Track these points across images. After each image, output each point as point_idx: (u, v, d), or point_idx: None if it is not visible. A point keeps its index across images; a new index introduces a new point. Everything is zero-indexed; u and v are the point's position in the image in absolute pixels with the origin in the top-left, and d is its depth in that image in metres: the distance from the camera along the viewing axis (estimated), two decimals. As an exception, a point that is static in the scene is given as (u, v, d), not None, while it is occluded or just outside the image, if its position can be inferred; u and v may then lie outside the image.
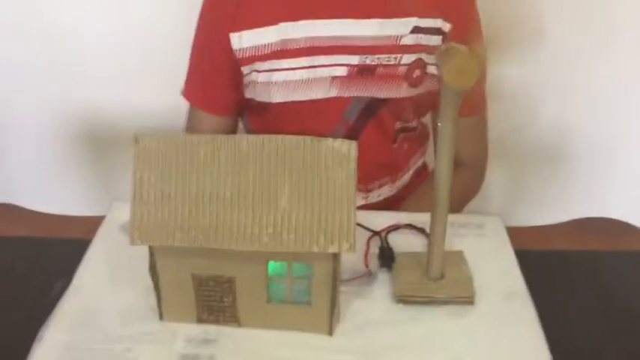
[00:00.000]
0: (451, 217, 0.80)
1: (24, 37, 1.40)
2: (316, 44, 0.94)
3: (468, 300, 0.75)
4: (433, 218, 0.75)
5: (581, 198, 1.36)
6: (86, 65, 1.41)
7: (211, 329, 0.71)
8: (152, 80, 1.43)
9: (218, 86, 1.01)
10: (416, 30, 0.95)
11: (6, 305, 0.82)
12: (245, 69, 0.97)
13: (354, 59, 0.95)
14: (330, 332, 0.71)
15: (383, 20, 0.94)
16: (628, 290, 0.88)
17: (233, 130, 1.07)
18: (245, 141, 0.65)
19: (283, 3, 0.94)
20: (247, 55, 0.96)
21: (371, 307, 0.75)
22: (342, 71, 0.95)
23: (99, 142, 1.48)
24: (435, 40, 0.96)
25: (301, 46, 0.94)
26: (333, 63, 0.95)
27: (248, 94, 1.00)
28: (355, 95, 0.97)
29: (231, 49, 0.95)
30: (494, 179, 1.19)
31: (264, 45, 0.94)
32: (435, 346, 0.70)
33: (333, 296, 0.69)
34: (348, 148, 0.65)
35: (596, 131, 1.37)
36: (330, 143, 0.65)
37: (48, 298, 0.79)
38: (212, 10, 0.98)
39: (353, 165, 0.65)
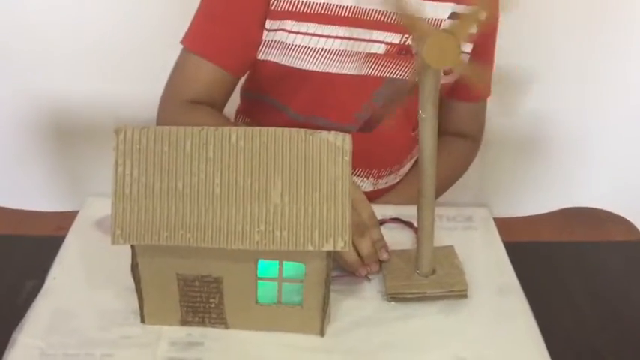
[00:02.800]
0: (439, 210, 0.79)
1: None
2: (361, 15, 0.90)
3: (462, 293, 0.73)
4: (420, 212, 0.72)
5: (565, 188, 1.37)
6: (51, 54, 1.34)
7: (197, 331, 0.68)
8: (122, 70, 1.38)
9: (240, 37, 0.92)
10: (453, 16, 0.93)
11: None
12: (272, 24, 0.90)
13: (396, 38, 0.91)
14: (322, 333, 0.68)
15: (423, 1, 0.91)
16: (612, 278, 0.87)
17: (231, 91, 0.98)
18: (234, 133, 0.62)
19: None
20: (283, 9, 0.89)
21: (362, 306, 0.73)
22: (380, 49, 0.91)
23: (65, 134, 1.42)
24: (473, 27, 0.94)
25: (346, 14, 0.89)
26: (374, 39, 0.91)
27: (269, 55, 0.93)
28: (389, 76, 0.93)
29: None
30: (479, 169, 1.18)
31: (308, 3, 0.88)
32: (429, 343, 0.68)
33: (326, 296, 0.66)
34: (343, 141, 0.62)
35: (576, 121, 1.38)
36: (325, 136, 0.62)
37: (19, 298, 0.75)
38: None
39: (347, 158, 0.62)
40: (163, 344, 0.66)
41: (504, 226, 0.89)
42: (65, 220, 0.88)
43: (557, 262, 0.89)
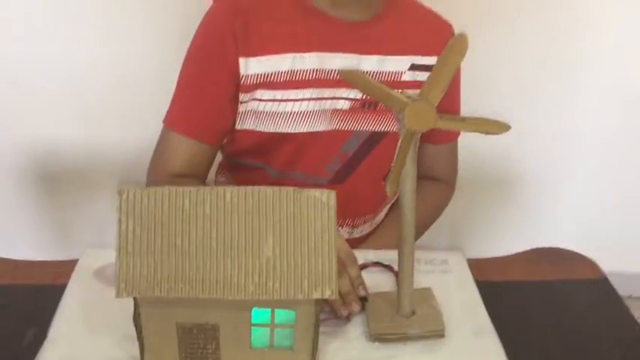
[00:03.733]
0: (417, 254, 0.85)
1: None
2: (323, 77, 0.97)
3: (439, 334, 0.79)
4: (401, 256, 0.78)
5: (533, 228, 1.45)
6: (42, 103, 1.39)
7: (194, 376, 0.72)
8: (106, 114, 1.43)
9: (214, 113, 0.99)
10: (413, 67, 1.00)
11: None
12: (244, 96, 0.97)
13: (358, 93, 0.99)
14: (311, 374, 0.73)
15: (384, 57, 0.98)
16: (579, 313, 0.94)
17: (213, 159, 1.06)
18: (229, 192, 0.67)
19: (294, 34, 0.96)
20: (251, 83, 0.96)
21: (348, 347, 0.78)
22: (345, 104, 0.98)
23: (50, 179, 1.46)
24: (424, 76, 1.01)
25: (309, 77, 0.96)
26: (337, 96, 0.97)
27: (245, 124, 1.00)
28: (356, 129, 1.00)
29: (238, 74, 0.95)
30: (453, 211, 1.25)
31: (274, 73, 0.95)
32: (411, 382, 0.74)
33: (315, 339, 0.71)
34: (328, 197, 0.68)
35: (545, 166, 1.47)
36: (311, 193, 0.68)
37: (21, 346, 0.79)
38: (217, 31, 0.97)
39: (332, 213, 0.68)
40: (164, 389, 0.71)
41: (477, 266, 0.95)
42: (61, 268, 0.92)
43: (527, 299, 0.95)
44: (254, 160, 1.05)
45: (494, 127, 0.67)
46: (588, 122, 1.49)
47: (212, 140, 1.02)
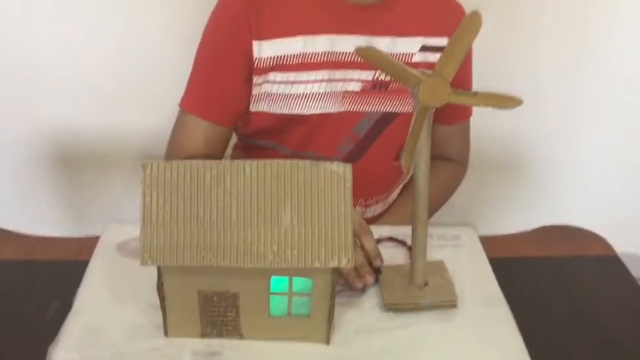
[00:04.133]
0: (430, 230, 0.87)
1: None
2: (334, 59, 0.99)
3: (452, 303, 0.81)
4: (414, 231, 0.81)
5: (544, 206, 1.46)
6: (61, 88, 1.42)
7: (215, 342, 0.75)
8: (125, 101, 1.46)
9: (230, 95, 1.02)
10: (423, 48, 1.02)
11: (1, 327, 0.84)
12: (257, 79, 1.00)
13: (369, 75, 1.01)
14: (328, 341, 0.76)
15: (394, 38, 1.01)
16: (588, 290, 0.96)
17: (228, 141, 1.08)
18: (248, 166, 0.70)
19: (306, 17, 0.99)
20: (264, 65, 0.99)
21: (363, 317, 0.80)
22: (356, 86, 1.01)
23: (74, 166, 1.49)
24: (436, 56, 1.03)
25: (321, 60, 0.99)
26: (349, 78, 1.00)
27: (259, 106, 1.03)
28: (367, 110, 1.03)
29: (251, 57, 0.98)
30: (465, 190, 1.27)
31: (286, 56, 0.98)
32: (424, 349, 0.76)
33: (331, 308, 0.74)
34: (344, 170, 0.71)
35: (556, 144, 1.48)
36: (328, 166, 0.70)
37: (44, 319, 0.81)
38: (231, 15, 0.99)
39: (348, 185, 0.71)
40: (186, 355, 0.73)
41: (489, 243, 0.97)
42: (82, 245, 0.95)
43: (537, 275, 0.97)
44: (268, 140, 1.08)
45: (507, 101, 0.69)
46: (599, 101, 1.50)
47: (227, 122, 1.05)
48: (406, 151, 0.72)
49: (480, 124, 1.22)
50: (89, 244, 0.93)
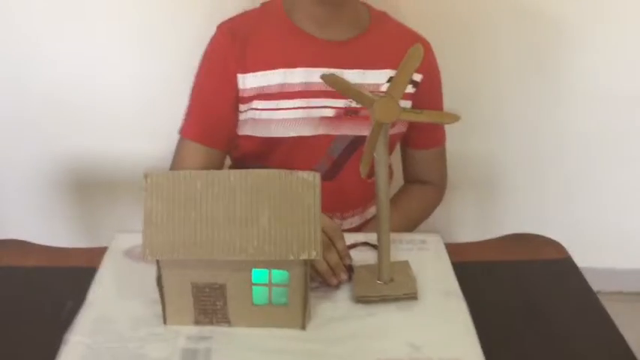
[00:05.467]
0: (399, 236, 1.00)
1: (18, 88, 1.57)
2: (310, 89, 1.13)
3: (413, 296, 0.93)
4: (379, 233, 0.93)
5: (507, 218, 1.59)
6: (74, 120, 1.59)
7: (207, 329, 0.87)
8: (132, 132, 1.61)
9: (222, 121, 1.16)
10: (390, 80, 1.16)
11: (25, 321, 0.96)
12: (243, 107, 1.14)
13: (341, 102, 1.14)
14: (304, 327, 0.87)
15: (364, 71, 1.15)
16: (543, 289, 1.05)
17: (222, 162, 1.21)
18: (232, 175, 0.83)
19: (284, 52, 1.13)
20: (248, 95, 1.13)
21: (335, 307, 0.92)
22: (330, 112, 1.14)
23: (86, 189, 1.65)
24: (409, 88, 1.18)
25: (297, 89, 1.13)
26: (323, 105, 1.13)
27: (245, 130, 1.16)
28: (339, 134, 1.16)
29: (237, 89, 1.12)
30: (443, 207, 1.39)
31: (267, 86, 1.12)
32: (387, 334, 0.87)
33: (306, 297, 0.86)
34: (314, 178, 0.83)
35: (521, 161, 1.62)
36: (300, 175, 0.83)
37: (61, 314, 0.94)
38: (220, 53, 1.14)
39: (317, 191, 0.83)
40: (181, 339, 0.85)
41: (455, 249, 1.07)
42: (93, 254, 1.07)
43: (498, 276, 1.08)
44: (255, 162, 1.21)
45: (447, 117, 0.82)
46: (568, 124, 1.64)
47: (221, 146, 1.19)
48: (363, 161, 0.85)
49: (455, 150, 1.36)
50: (99, 253, 1.05)
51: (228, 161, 1.29)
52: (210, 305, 0.86)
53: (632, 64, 1.67)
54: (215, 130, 1.17)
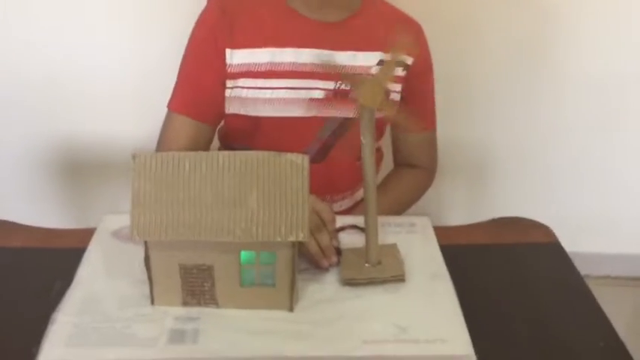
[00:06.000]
0: (388, 219, 1.00)
1: (9, 70, 1.56)
2: (299, 69, 1.13)
3: (400, 278, 0.93)
4: (366, 215, 0.93)
5: (496, 203, 1.61)
6: (65, 104, 1.58)
7: (194, 310, 0.87)
8: (120, 111, 1.61)
9: (210, 94, 1.15)
10: (382, 62, 1.16)
11: (12, 301, 0.96)
12: (229, 82, 1.13)
13: (331, 84, 1.14)
14: (291, 308, 0.88)
15: (355, 52, 1.14)
16: (531, 271, 1.06)
17: (211, 139, 1.21)
18: (221, 156, 0.83)
19: (274, 31, 1.13)
20: (236, 71, 1.12)
21: (323, 290, 0.93)
22: (319, 94, 1.14)
23: (77, 171, 1.65)
24: (398, 71, 1.17)
25: (286, 69, 1.12)
26: (313, 86, 1.13)
27: (231, 108, 1.16)
28: (330, 115, 1.16)
29: (225, 63, 1.11)
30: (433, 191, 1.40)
31: (255, 64, 1.11)
32: (374, 315, 0.88)
33: (293, 278, 0.86)
34: (302, 160, 0.83)
35: (511, 147, 1.63)
36: (289, 157, 0.83)
37: (50, 295, 0.94)
38: (209, 26, 1.13)
39: (305, 173, 0.83)
40: (169, 319, 0.85)
41: (444, 232, 1.08)
42: (83, 235, 1.07)
43: (488, 260, 1.09)
44: (242, 143, 1.21)
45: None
46: (557, 111, 1.65)
47: (209, 120, 1.18)
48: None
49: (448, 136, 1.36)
50: (89, 234, 1.05)
51: (215, 144, 1.28)
52: (198, 286, 0.87)
53: (621, 55, 1.68)
54: (203, 103, 1.16)
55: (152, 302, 0.88)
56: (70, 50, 1.56)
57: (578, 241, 1.59)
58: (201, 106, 1.16)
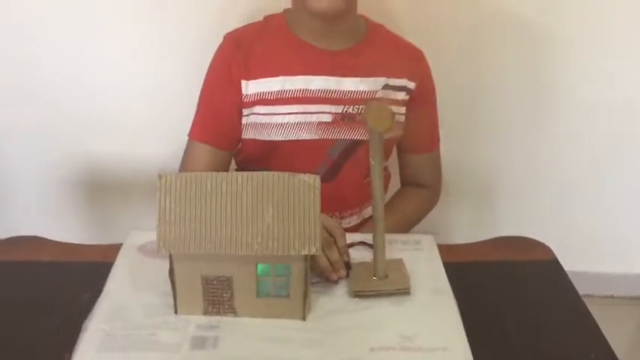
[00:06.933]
0: (395, 237, 1.08)
1: (25, 93, 1.66)
2: (308, 95, 1.21)
3: (406, 291, 1.00)
4: (375, 233, 1.00)
5: (501, 223, 1.67)
6: (87, 125, 1.68)
7: (215, 318, 0.94)
8: (143, 136, 1.70)
9: (228, 123, 1.24)
10: (386, 87, 1.24)
11: (44, 312, 1.02)
12: (245, 111, 1.22)
13: (339, 108, 1.23)
14: (304, 318, 0.95)
15: (361, 79, 1.23)
16: (530, 287, 1.11)
17: (228, 164, 1.30)
18: (240, 176, 0.90)
19: (284, 61, 1.22)
20: (251, 100, 1.21)
21: (334, 301, 0.99)
22: (327, 118, 1.22)
23: (100, 190, 1.74)
24: (401, 95, 1.26)
25: (296, 95, 1.21)
26: (321, 111, 1.21)
27: (248, 134, 1.25)
28: (337, 138, 1.24)
29: (241, 94, 1.20)
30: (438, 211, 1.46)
31: (268, 92, 1.21)
32: (381, 326, 0.94)
33: (306, 290, 0.93)
34: (314, 180, 0.91)
35: (515, 169, 1.69)
36: (301, 177, 0.90)
37: (79, 306, 1.01)
38: (225, 61, 1.23)
39: (317, 192, 0.90)
40: (191, 327, 0.92)
41: (448, 250, 1.14)
42: (107, 250, 1.14)
43: (488, 275, 1.14)
44: (258, 165, 1.29)
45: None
46: (562, 131, 1.72)
47: (227, 147, 1.27)
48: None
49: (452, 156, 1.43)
50: (113, 249, 1.12)
51: (233, 167, 1.36)
52: (218, 297, 0.94)
53: (628, 73, 1.74)
54: (222, 132, 1.25)
55: (175, 311, 0.95)
56: (92, 74, 1.66)
57: (582, 260, 1.66)
58: (220, 135, 1.25)
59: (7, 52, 1.63)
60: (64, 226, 1.68)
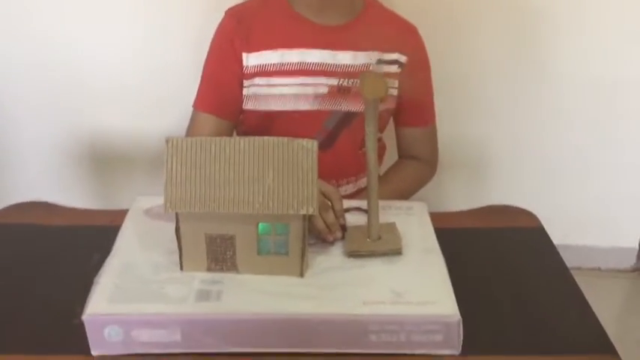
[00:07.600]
0: (389, 203, 1.14)
1: (35, 67, 1.71)
2: (305, 68, 1.27)
3: (398, 251, 1.06)
4: (369, 197, 1.06)
5: (493, 196, 1.73)
6: (94, 99, 1.74)
7: (218, 275, 1.00)
8: (148, 107, 1.75)
9: (230, 94, 1.31)
10: (380, 61, 1.30)
11: (56, 271, 1.09)
12: (246, 82, 1.29)
13: (334, 81, 1.29)
14: (302, 274, 1.01)
15: (355, 52, 1.29)
16: (514, 252, 1.18)
17: (231, 134, 1.36)
18: (242, 140, 0.96)
19: (283, 35, 1.28)
20: (251, 72, 1.28)
21: (330, 260, 1.05)
22: (324, 89, 1.28)
23: (105, 162, 1.80)
24: (394, 68, 1.32)
25: (294, 68, 1.27)
26: (317, 82, 1.28)
27: (248, 105, 1.31)
28: (333, 109, 1.31)
29: (242, 66, 1.26)
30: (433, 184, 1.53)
31: (267, 64, 1.27)
32: (374, 282, 1.00)
33: (303, 248, 0.99)
34: (312, 145, 0.97)
35: (507, 143, 1.75)
36: (300, 142, 0.96)
37: (89, 265, 1.07)
38: (227, 35, 1.30)
39: (314, 156, 0.96)
40: (196, 282, 0.98)
41: (438, 217, 1.19)
42: (115, 215, 1.20)
43: (474, 241, 1.21)
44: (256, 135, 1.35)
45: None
46: (551, 107, 1.78)
47: (230, 116, 1.34)
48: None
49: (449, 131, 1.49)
50: (121, 214, 1.18)
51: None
52: (221, 254, 1.00)
53: (615, 50, 1.79)
54: (224, 102, 1.32)
55: (181, 268, 1.01)
56: (98, 48, 1.71)
57: (570, 233, 1.72)
58: (223, 105, 1.32)
59: (20, 26, 1.68)
60: (75, 194, 1.75)
